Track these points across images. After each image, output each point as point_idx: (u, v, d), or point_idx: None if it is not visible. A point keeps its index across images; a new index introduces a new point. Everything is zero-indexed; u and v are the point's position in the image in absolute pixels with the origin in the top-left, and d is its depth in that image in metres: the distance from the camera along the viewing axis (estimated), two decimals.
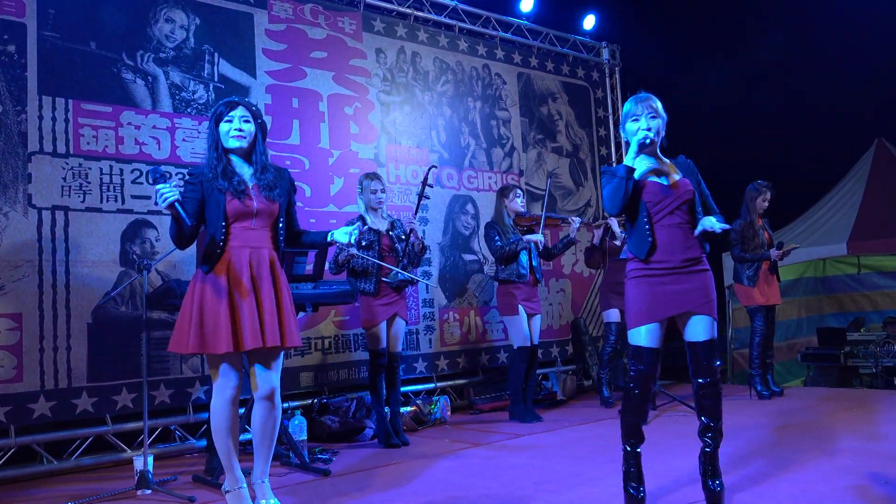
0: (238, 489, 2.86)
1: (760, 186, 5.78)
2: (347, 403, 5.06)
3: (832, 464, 3.41)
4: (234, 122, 2.91)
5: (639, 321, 2.84)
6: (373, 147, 5.86)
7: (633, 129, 2.89)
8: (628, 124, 2.91)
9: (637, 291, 2.85)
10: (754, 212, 5.77)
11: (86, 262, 4.40)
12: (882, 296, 8.77)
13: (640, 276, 2.85)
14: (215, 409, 2.84)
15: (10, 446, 4.08)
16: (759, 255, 5.71)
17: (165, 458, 4.45)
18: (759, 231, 5.75)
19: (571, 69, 7.56)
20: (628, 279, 2.91)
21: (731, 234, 5.78)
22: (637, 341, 2.86)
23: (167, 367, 4.59)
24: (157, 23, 4.86)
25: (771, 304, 5.80)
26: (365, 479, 3.69)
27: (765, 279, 5.77)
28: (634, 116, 2.89)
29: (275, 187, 2.94)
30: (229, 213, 2.84)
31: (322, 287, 4.03)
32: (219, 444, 2.86)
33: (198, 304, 2.79)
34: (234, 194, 2.85)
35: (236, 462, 2.88)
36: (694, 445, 3.97)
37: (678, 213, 2.85)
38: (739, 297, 5.95)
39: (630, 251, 2.91)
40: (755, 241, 5.72)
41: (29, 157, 4.28)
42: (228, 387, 2.83)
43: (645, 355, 2.84)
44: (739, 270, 5.85)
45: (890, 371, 7.27)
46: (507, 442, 4.49)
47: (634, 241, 2.87)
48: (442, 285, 6.14)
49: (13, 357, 4.10)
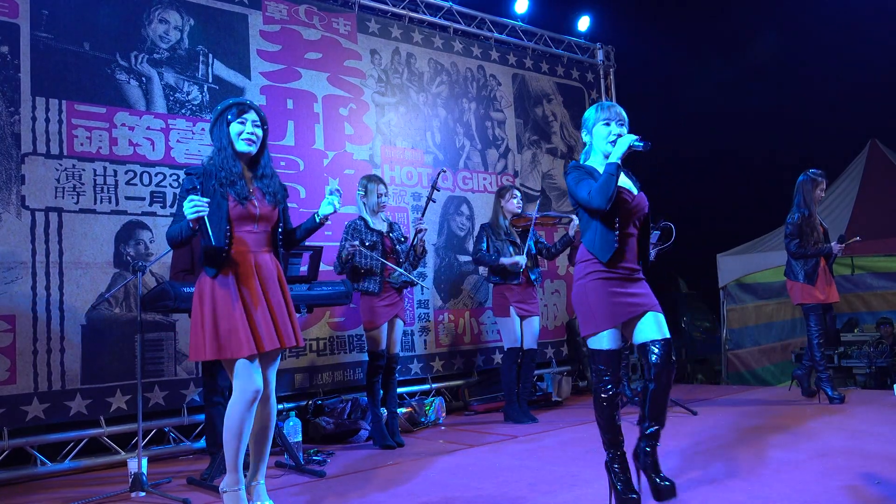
0: (236, 490, 2.85)
1: (815, 176, 5.38)
2: (342, 405, 5.05)
3: (825, 464, 3.42)
4: (247, 125, 2.92)
5: (603, 325, 2.86)
6: (368, 148, 5.85)
7: (604, 133, 2.95)
8: (599, 127, 2.97)
9: (597, 295, 2.86)
10: (812, 203, 5.36)
11: (80, 264, 4.38)
12: (875, 297, 8.81)
13: (601, 279, 2.87)
14: (234, 410, 2.81)
15: (3, 448, 4.06)
16: (821, 249, 5.29)
17: (160, 461, 4.44)
18: (816, 224, 5.37)
19: (566, 70, 7.58)
20: (585, 280, 2.90)
21: (787, 227, 5.40)
22: (601, 345, 2.88)
23: (161, 369, 4.58)
24: (150, 24, 4.85)
25: (830, 301, 5.37)
26: (360, 480, 3.69)
27: (824, 276, 5.35)
28: (606, 120, 2.96)
29: (276, 193, 2.98)
30: (233, 217, 2.85)
31: (317, 288, 4.03)
32: (229, 445, 2.83)
33: (209, 309, 2.79)
34: (238, 199, 2.85)
35: (241, 464, 2.87)
36: (692, 448, 3.98)
37: (634, 225, 2.95)
38: (794, 294, 5.44)
39: (590, 251, 2.91)
40: (814, 236, 5.31)
41: (22, 158, 4.27)
42: (250, 390, 2.81)
43: (613, 358, 2.88)
44: (796, 267, 5.38)
45: (883, 371, 7.30)
46: (502, 443, 4.49)
47: (597, 243, 2.88)
48: (437, 287, 6.14)
49: (6, 359, 4.08)
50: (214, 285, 2.82)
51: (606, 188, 2.79)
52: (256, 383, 2.82)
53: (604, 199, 2.80)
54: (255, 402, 2.83)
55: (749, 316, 8.63)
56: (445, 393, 6.05)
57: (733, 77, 10.23)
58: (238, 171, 2.89)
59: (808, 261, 5.34)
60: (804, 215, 5.34)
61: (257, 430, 2.93)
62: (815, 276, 5.31)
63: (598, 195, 2.82)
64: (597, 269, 2.88)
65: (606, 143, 2.94)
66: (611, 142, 2.93)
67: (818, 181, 5.39)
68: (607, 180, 2.80)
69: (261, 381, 2.85)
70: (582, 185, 2.89)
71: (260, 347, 2.80)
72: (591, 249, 2.90)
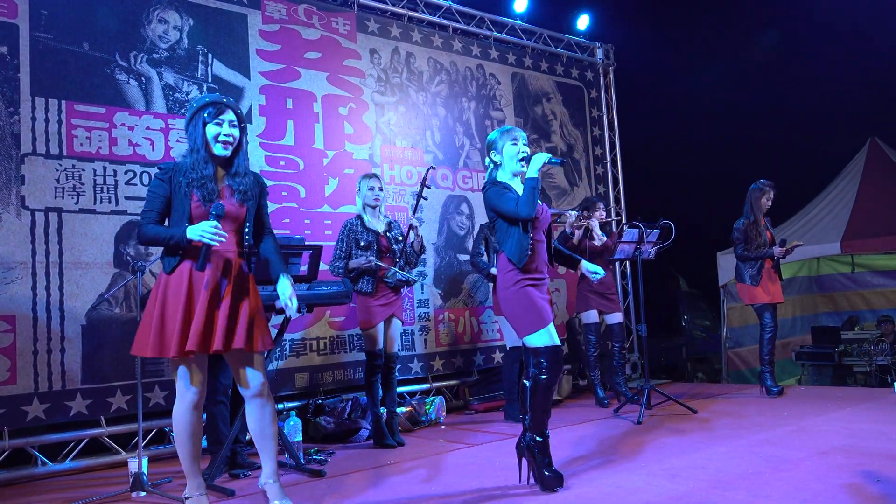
0: (199, 496, 2.85)
1: (763, 186, 5.76)
2: (342, 404, 5.05)
3: (826, 462, 3.42)
4: (224, 126, 2.87)
5: (539, 324, 3.22)
6: (367, 147, 5.85)
7: (515, 150, 3.35)
8: (509, 146, 3.36)
9: (529, 299, 3.24)
10: (758, 211, 5.74)
11: (79, 264, 4.38)
12: (876, 294, 8.81)
13: (528, 285, 3.25)
14: (176, 414, 2.83)
15: (3, 449, 4.06)
16: (763, 253, 5.67)
17: (160, 461, 4.44)
18: (762, 230, 5.73)
19: (566, 69, 7.57)
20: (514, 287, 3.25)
21: (734, 232, 5.77)
22: (544, 342, 3.22)
23: (161, 369, 4.58)
24: (150, 23, 4.85)
25: (775, 302, 5.75)
26: (361, 479, 3.69)
27: (768, 277, 5.73)
28: (514, 140, 3.36)
29: (247, 192, 2.92)
30: (195, 217, 2.81)
31: (316, 288, 4.03)
32: (180, 450, 2.84)
33: (159, 305, 2.77)
34: (202, 199, 2.81)
35: (198, 469, 2.87)
36: (692, 445, 3.98)
37: (541, 233, 3.38)
38: (743, 296, 5.89)
39: (507, 257, 3.27)
40: (758, 240, 5.69)
41: (22, 158, 4.27)
42: (189, 391, 2.82)
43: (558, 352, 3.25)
44: (742, 269, 5.80)
45: (884, 369, 7.31)
46: (503, 442, 4.49)
47: (515, 250, 3.25)
48: (437, 286, 6.14)
49: (7, 359, 4.08)
50: (168, 282, 2.80)
51: (532, 200, 3.20)
52: (194, 385, 2.82)
53: (531, 208, 3.19)
54: (197, 403, 2.83)
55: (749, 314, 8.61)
56: (445, 392, 6.05)
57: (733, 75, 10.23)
58: (210, 175, 2.85)
59: (754, 264, 5.75)
60: (749, 221, 5.76)
61: (258, 431, 2.92)
62: (758, 278, 5.73)
63: (525, 205, 3.21)
64: (522, 277, 3.25)
65: (516, 161, 3.34)
66: (520, 160, 3.34)
67: (765, 191, 5.78)
68: (531, 194, 3.21)
69: (198, 383, 2.82)
70: (505, 197, 3.27)
71: (180, 349, 2.73)
72: (508, 253, 3.27)
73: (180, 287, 2.77)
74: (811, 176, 8.93)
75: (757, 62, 10.07)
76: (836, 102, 9.22)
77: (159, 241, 2.81)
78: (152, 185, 2.87)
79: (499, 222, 3.35)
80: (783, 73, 10.04)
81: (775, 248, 5.68)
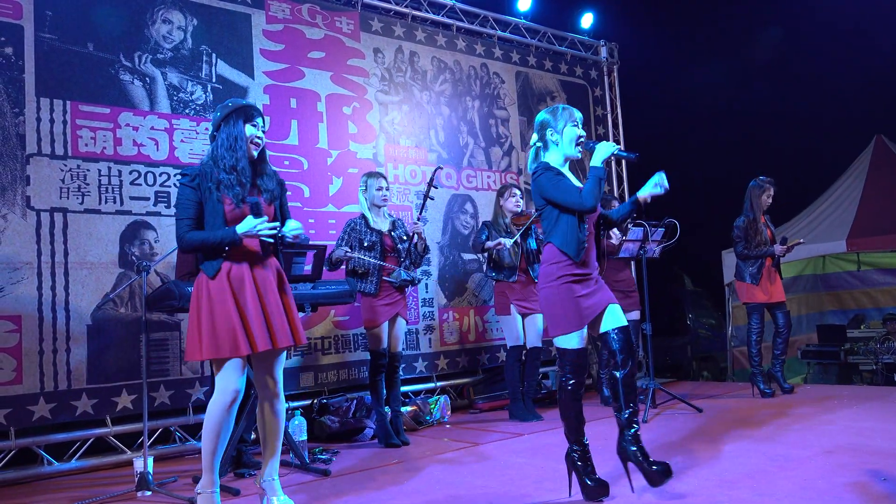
0: (211, 493, 2.86)
1: (763, 183, 5.72)
2: (347, 403, 5.06)
3: (831, 461, 3.41)
4: (257, 129, 2.98)
5: (571, 328, 3.00)
6: (371, 147, 5.85)
7: (575, 134, 3.10)
8: (570, 128, 3.09)
9: (568, 298, 2.99)
10: (758, 209, 5.70)
11: (85, 264, 4.40)
12: (882, 292, 8.77)
13: (570, 281, 2.99)
14: (214, 409, 2.84)
15: (9, 448, 4.08)
16: (763, 251, 5.63)
17: (165, 460, 4.46)
18: (761, 228, 5.68)
19: (570, 68, 7.56)
20: (556, 282, 3.00)
21: (734, 230, 5.74)
22: (570, 345, 3.01)
23: (167, 369, 4.59)
24: (154, 24, 4.86)
25: (774, 301, 5.72)
26: (365, 479, 3.69)
27: (768, 276, 5.70)
28: (574, 122, 3.10)
29: (273, 190, 3.02)
30: (229, 220, 2.87)
31: (321, 287, 4.04)
32: (207, 444, 2.85)
33: (207, 309, 2.81)
34: (235, 200, 2.87)
35: (217, 465, 2.88)
36: (698, 445, 3.97)
37: (592, 225, 3.12)
38: (740, 294, 5.88)
39: (560, 249, 3.01)
40: (758, 239, 5.65)
41: (27, 159, 4.28)
42: (230, 390, 2.83)
43: (581, 356, 3.03)
44: (742, 268, 5.77)
45: (890, 368, 7.27)
46: (507, 441, 4.49)
47: (572, 243, 2.99)
48: (441, 285, 6.14)
49: (13, 359, 4.10)
50: (211, 285, 2.84)
51: (599, 190, 2.98)
52: (237, 385, 2.83)
53: (597, 200, 2.97)
54: (235, 403, 2.84)
55: None
56: (450, 391, 6.05)
57: (737, 73, 10.20)
58: (247, 169, 2.94)
59: (754, 262, 5.70)
60: (749, 219, 5.69)
61: (273, 429, 2.98)
62: (758, 277, 5.68)
63: (590, 196, 2.97)
64: (567, 273, 3.00)
65: (574, 146, 3.10)
66: (577, 144, 3.10)
67: (765, 187, 5.71)
68: (598, 183, 2.99)
69: (242, 384, 2.85)
70: (563, 186, 3.02)
71: (254, 347, 2.81)
72: (564, 248, 3.00)
73: (224, 289, 2.82)
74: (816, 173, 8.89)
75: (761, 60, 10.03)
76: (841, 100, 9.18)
77: (207, 245, 2.84)
78: (181, 192, 2.90)
79: (548, 210, 3.08)
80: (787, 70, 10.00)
81: (776, 246, 5.64)
